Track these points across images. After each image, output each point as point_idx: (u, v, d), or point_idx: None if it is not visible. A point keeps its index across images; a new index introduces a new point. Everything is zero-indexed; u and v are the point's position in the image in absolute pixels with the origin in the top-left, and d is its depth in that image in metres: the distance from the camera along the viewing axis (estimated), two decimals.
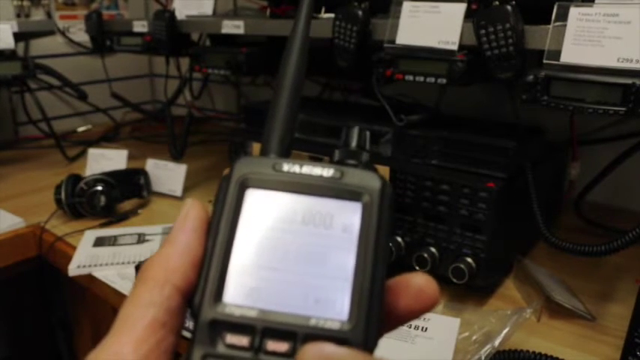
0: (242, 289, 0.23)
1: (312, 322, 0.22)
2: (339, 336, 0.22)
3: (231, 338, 0.22)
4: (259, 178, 0.25)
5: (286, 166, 0.25)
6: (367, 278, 0.23)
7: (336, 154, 0.28)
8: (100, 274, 0.82)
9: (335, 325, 0.22)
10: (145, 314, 0.22)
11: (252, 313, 0.22)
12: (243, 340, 0.22)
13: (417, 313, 0.24)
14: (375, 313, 0.22)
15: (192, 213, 0.25)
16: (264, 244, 0.24)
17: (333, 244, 0.24)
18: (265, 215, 0.24)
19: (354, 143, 0.28)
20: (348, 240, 0.24)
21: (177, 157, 1.18)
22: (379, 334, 0.23)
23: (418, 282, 0.24)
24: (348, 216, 0.24)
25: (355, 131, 0.28)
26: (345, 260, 0.23)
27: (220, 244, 0.24)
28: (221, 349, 0.22)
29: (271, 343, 0.22)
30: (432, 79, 0.69)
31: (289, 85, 0.29)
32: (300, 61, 0.29)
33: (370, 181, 0.24)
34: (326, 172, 0.25)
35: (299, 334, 0.22)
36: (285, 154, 0.27)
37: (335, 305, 0.23)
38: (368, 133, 0.29)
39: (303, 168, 0.25)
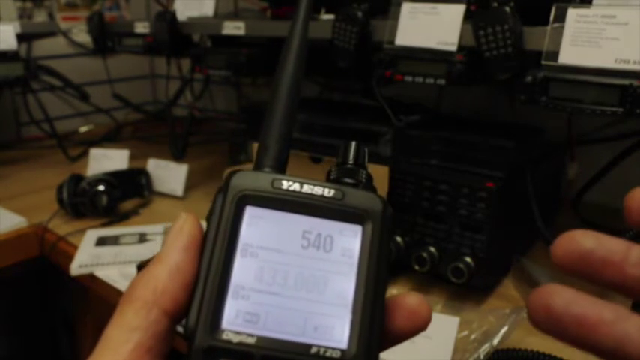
0: (240, 314, 0.22)
1: (313, 350, 0.22)
2: None
3: None
4: (258, 195, 0.23)
5: (286, 184, 0.24)
6: (367, 305, 0.22)
7: (333, 172, 0.26)
8: (102, 273, 0.82)
9: (336, 354, 0.22)
10: (130, 338, 0.21)
11: (251, 340, 0.21)
12: None
13: (409, 334, 0.24)
14: (375, 340, 0.22)
15: (186, 228, 0.23)
16: (263, 267, 0.23)
17: (332, 269, 0.23)
18: (264, 235, 0.23)
19: (351, 160, 0.26)
20: (347, 264, 0.23)
21: (178, 157, 1.19)
22: None
23: (411, 303, 0.24)
24: (349, 239, 0.23)
25: (353, 147, 0.26)
26: (344, 285, 0.23)
27: (217, 264, 0.22)
28: None
29: None
30: (432, 80, 0.69)
31: (286, 95, 0.27)
32: (297, 70, 0.27)
33: (371, 203, 0.24)
34: (327, 192, 0.24)
35: None
36: (281, 169, 0.26)
37: (334, 332, 0.22)
38: (366, 150, 0.27)
39: (303, 187, 0.24)
